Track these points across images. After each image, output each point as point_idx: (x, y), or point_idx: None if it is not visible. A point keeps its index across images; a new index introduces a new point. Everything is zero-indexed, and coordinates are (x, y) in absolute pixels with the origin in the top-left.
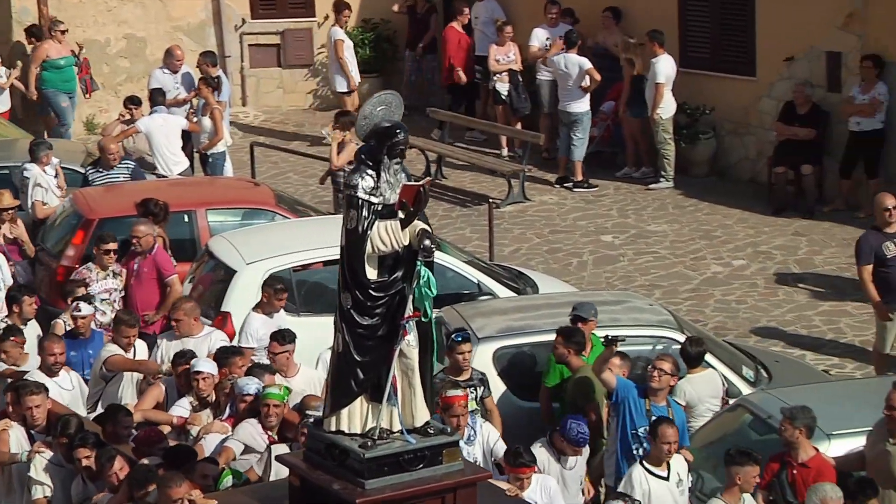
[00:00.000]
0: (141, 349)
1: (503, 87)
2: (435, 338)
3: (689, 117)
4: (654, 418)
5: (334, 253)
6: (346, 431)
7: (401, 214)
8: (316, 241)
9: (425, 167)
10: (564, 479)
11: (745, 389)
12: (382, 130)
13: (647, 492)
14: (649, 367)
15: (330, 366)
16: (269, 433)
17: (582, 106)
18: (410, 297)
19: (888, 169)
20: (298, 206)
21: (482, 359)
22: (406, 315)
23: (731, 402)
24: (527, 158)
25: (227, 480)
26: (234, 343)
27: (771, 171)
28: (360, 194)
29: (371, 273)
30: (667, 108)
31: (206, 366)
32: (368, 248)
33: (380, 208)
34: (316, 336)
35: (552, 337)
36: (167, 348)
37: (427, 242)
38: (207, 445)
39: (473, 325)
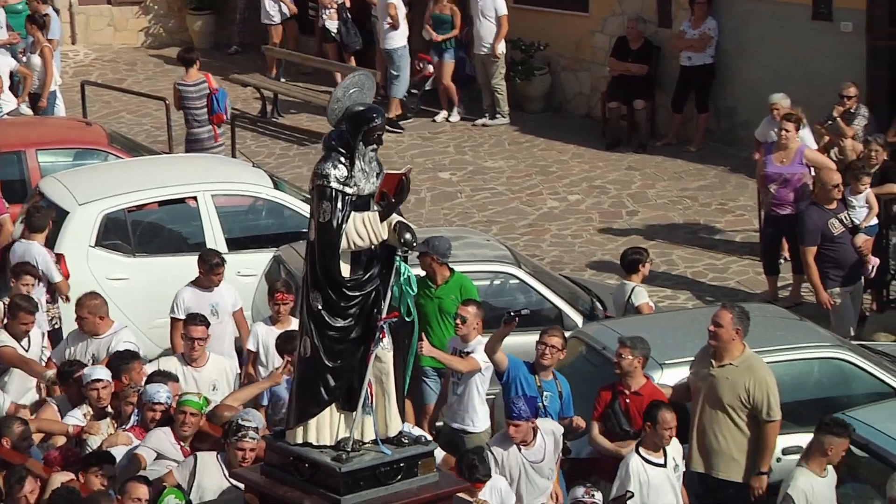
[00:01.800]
0: (35, 339)
1: (332, 24)
2: (416, 338)
3: (524, 53)
4: (650, 404)
5: (169, 193)
6: (315, 443)
7: (375, 207)
8: (151, 181)
9: (261, 105)
10: (528, 476)
11: (581, 321)
12: (357, 115)
13: (645, 482)
14: (537, 342)
15: (295, 372)
16: (182, 444)
17: (394, 42)
18: (388, 295)
19: (718, 103)
20: (132, 146)
21: None
22: (383, 315)
23: (567, 334)
24: (419, 99)
25: (170, 500)
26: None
27: (605, 107)
28: (333, 184)
29: (345, 270)
30: (503, 43)
31: (102, 373)
32: (343, 242)
33: (354, 199)
34: (150, 278)
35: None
36: (73, 348)
37: (408, 236)
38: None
39: None
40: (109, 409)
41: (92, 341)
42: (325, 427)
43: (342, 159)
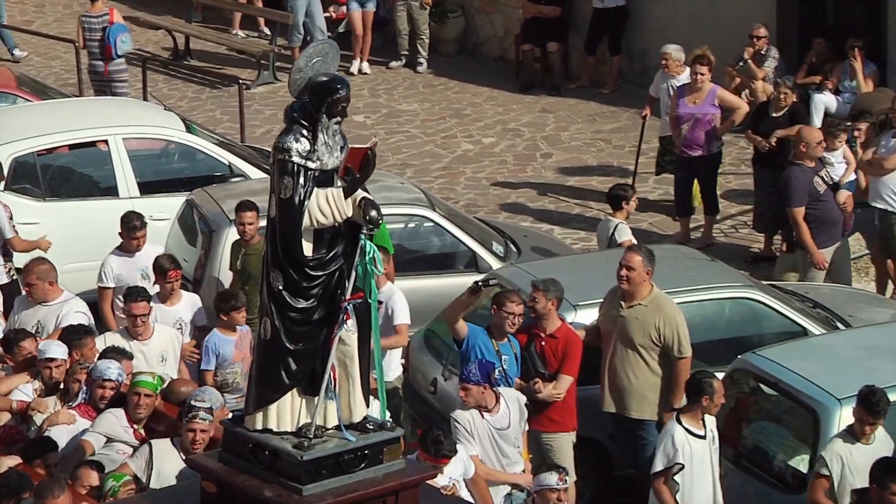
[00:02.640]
0: None
1: None
2: (376, 318)
3: None
4: (695, 373)
5: (80, 136)
6: (276, 430)
7: (339, 182)
8: (61, 124)
9: (173, 48)
10: (498, 444)
11: (496, 264)
12: (320, 85)
13: (688, 455)
14: (497, 308)
15: (255, 355)
16: (136, 427)
17: None
18: (353, 275)
19: (631, 45)
20: (41, 89)
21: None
22: (347, 297)
23: (483, 276)
24: (276, 38)
25: (110, 484)
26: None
27: (518, 49)
28: (295, 159)
29: (307, 249)
30: None
31: (57, 351)
32: (305, 220)
33: (317, 174)
34: (61, 222)
35: None
36: (19, 315)
37: (373, 213)
38: (55, 438)
39: (225, 206)
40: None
41: (40, 309)
42: (286, 413)
43: (304, 132)
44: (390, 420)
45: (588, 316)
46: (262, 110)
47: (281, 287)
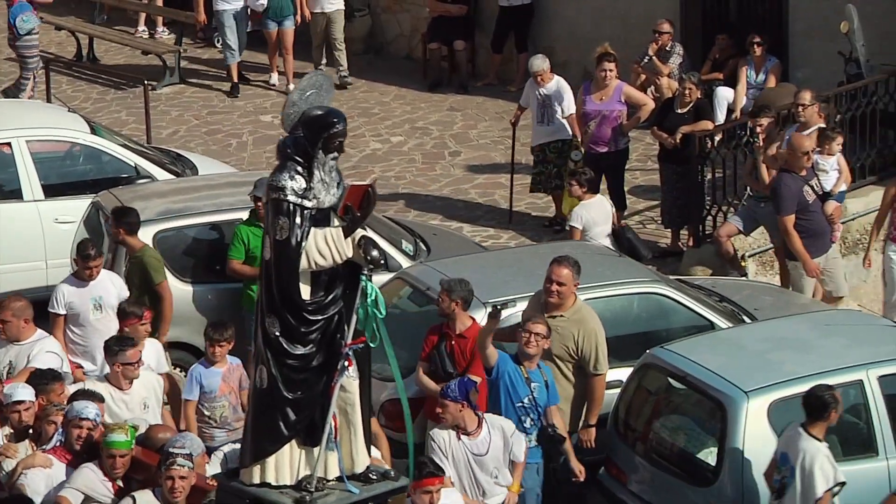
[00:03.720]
0: None
1: None
2: (395, 363)
3: None
4: (815, 388)
5: None
6: (274, 484)
7: (335, 222)
8: None
9: (76, 49)
10: (472, 470)
11: (405, 263)
12: (315, 120)
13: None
14: (520, 330)
15: (250, 406)
16: (113, 481)
17: (220, 4)
18: (353, 319)
19: (537, 43)
20: None
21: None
22: (348, 341)
23: (391, 275)
24: (182, 39)
25: None
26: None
27: (425, 48)
28: (291, 198)
29: (305, 292)
30: None
31: (24, 393)
32: (303, 262)
33: (314, 213)
34: None
35: (213, 218)
36: None
37: (375, 253)
38: (30, 484)
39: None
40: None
41: (11, 347)
42: (285, 465)
43: (299, 169)
44: (394, 469)
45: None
46: (168, 111)
47: (277, 333)
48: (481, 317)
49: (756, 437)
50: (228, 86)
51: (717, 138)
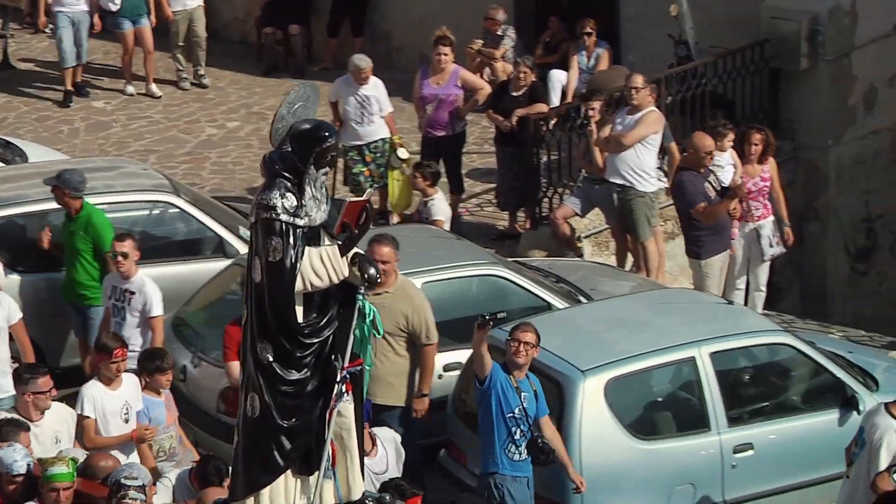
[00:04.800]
0: None
1: None
2: (365, 390)
3: None
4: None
5: None
6: None
7: (325, 240)
8: None
9: None
10: (375, 487)
11: (243, 249)
12: (305, 134)
13: None
14: (508, 340)
15: (240, 435)
16: None
17: (56, 6)
18: (351, 340)
19: (373, 27)
20: None
21: None
22: (346, 364)
23: (229, 262)
24: (8, 24)
25: None
26: None
27: (260, 32)
28: (283, 217)
29: (298, 314)
30: None
31: None
32: (298, 283)
33: (306, 231)
34: None
35: (43, 206)
36: None
37: (372, 271)
38: None
39: None
40: None
41: None
42: (280, 497)
43: (289, 186)
44: (387, 495)
45: None
46: None
47: (271, 359)
48: None
49: (593, 416)
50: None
51: (552, 121)
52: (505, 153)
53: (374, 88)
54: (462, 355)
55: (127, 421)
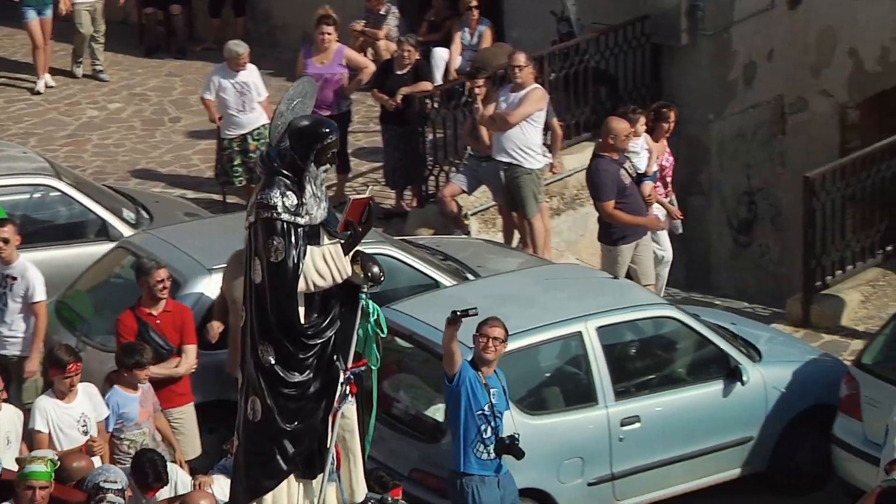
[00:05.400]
0: None
1: None
2: (375, 389)
3: None
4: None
5: None
6: None
7: (325, 239)
8: None
9: None
10: None
11: (127, 231)
12: (305, 131)
13: None
14: (476, 335)
15: (241, 439)
16: None
17: None
18: (354, 340)
19: (255, 6)
20: None
21: None
22: (349, 365)
23: (113, 245)
24: None
25: None
26: None
27: (140, 13)
28: (284, 216)
29: (301, 315)
30: None
31: None
32: (301, 284)
33: (307, 230)
34: None
35: None
36: None
37: (375, 269)
38: None
39: None
40: None
41: None
42: (283, 501)
43: (289, 184)
44: (389, 496)
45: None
46: None
47: (273, 361)
48: (206, 282)
49: None
50: None
51: (437, 99)
52: (390, 132)
53: (251, 74)
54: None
55: (86, 433)
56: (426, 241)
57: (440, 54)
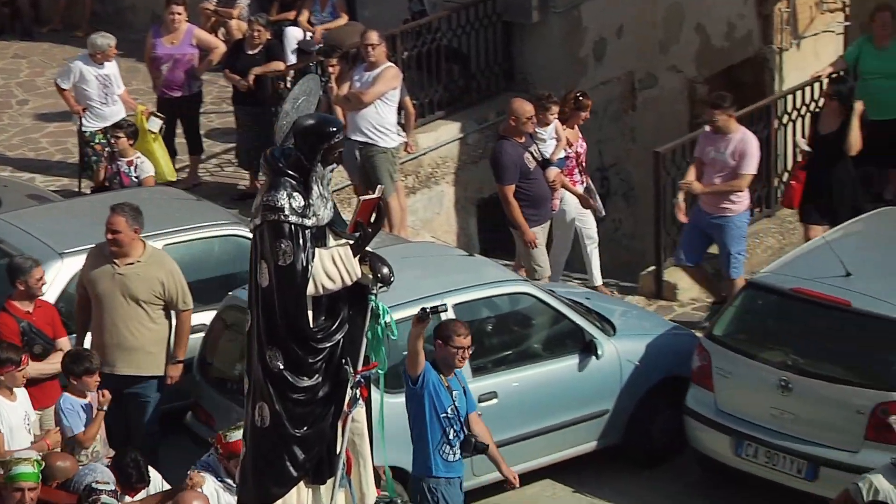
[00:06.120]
0: None
1: None
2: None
3: None
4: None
5: None
6: None
7: (331, 240)
8: None
9: None
10: None
11: None
12: (311, 130)
13: None
14: (449, 346)
15: (249, 448)
16: None
17: None
18: (364, 343)
19: None
20: None
21: None
22: (360, 368)
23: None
24: None
25: None
26: None
27: None
28: (292, 218)
29: (309, 318)
30: None
31: None
32: (310, 287)
33: (314, 231)
34: None
35: None
36: None
37: (385, 270)
38: None
39: None
40: None
41: None
42: None
43: (295, 185)
44: (398, 496)
45: (76, 263)
46: None
47: (281, 366)
48: (58, 266)
49: None
50: None
51: (290, 79)
52: (243, 112)
53: (113, 66)
54: (206, 317)
55: (30, 431)
56: None
57: (293, 34)
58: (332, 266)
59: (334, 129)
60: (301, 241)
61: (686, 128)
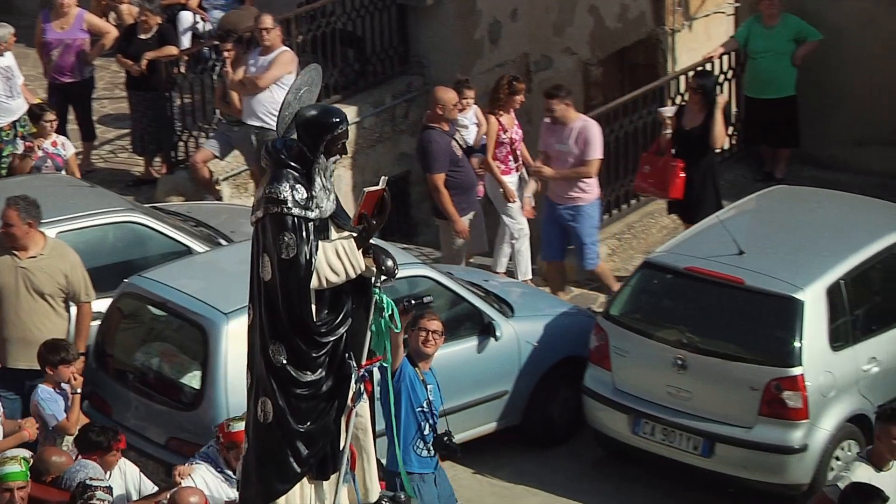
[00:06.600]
0: None
1: None
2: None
3: None
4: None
5: None
6: None
7: (334, 232)
8: None
9: None
10: None
11: None
12: (314, 121)
13: None
14: (414, 329)
15: (252, 442)
16: None
17: None
18: (368, 337)
19: None
20: None
21: None
22: (364, 362)
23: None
24: None
25: None
26: None
27: None
28: (295, 210)
29: (313, 312)
30: None
31: None
32: (314, 280)
33: (317, 224)
34: None
35: None
36: None
37: (389, 263)
38: None
39: None
40: None
41: None
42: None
43: (298, 177)
44: (403, 493)
45: None
46: None
47: (284, 361)
48: None
49: (238, 358)
50: None
51: (184, 63)
52: (137, 98)
53: (11, 57)
54: (102, 305)
55: None
56: (177, 207)
57: (186, 17)
58: (336, 259)
59: (338, 119)
60: (304, 233)
61: (581, 109)
